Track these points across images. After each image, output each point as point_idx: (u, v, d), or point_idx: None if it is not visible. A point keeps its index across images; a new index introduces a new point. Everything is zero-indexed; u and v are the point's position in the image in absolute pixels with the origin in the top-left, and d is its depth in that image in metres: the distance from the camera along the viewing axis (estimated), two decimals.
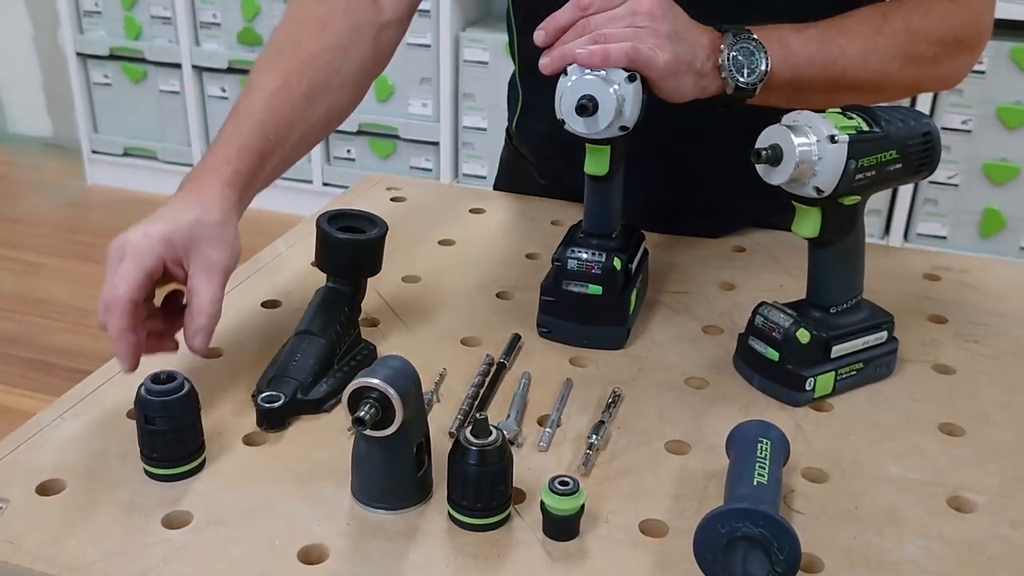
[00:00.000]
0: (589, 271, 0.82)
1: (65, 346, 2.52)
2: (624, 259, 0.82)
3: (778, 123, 0.71)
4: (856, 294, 0.78)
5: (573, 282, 0.82)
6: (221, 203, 0.75)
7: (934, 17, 0.85)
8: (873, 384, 0.80)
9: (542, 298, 0.85)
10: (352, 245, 0.77)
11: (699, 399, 0.78)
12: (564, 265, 0.82)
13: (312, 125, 0.86)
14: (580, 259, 0.82)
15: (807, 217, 0.73)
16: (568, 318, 0.84)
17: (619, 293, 0.82)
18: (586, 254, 0.82)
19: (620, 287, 0.82)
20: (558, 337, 0.84)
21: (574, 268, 0.82)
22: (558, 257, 0.83)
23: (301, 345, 0.76)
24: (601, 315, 0.83)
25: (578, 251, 0.82)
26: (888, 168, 0.72)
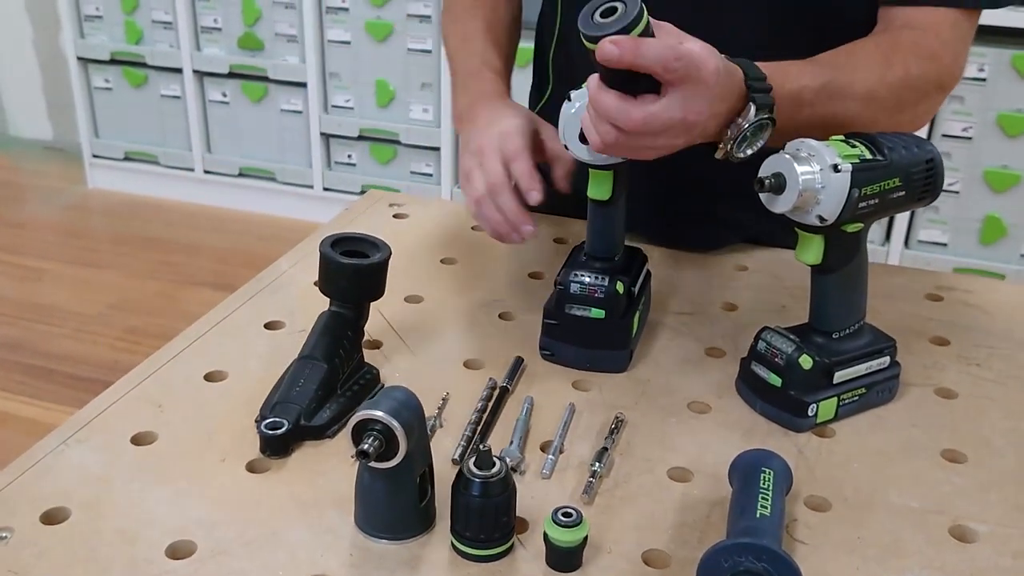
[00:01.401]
0: (592, 295, 0.82)
1: (66, 353, 2.52)
2: (627, 282, 0.82)
3: (781, 151, 0.71)
4: (858, 319, 0.78)
5: (576, 306, 0.83)
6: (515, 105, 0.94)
7: (925, 62, 0.86)
8: (875, 409, 0.80)
9: (545, 321, 0.85)
10: (355, 270, 0.77)
11: (701, 424, 0.78)
12: (567, 288, 0.82)
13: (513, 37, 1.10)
14: (583, 283, 0.82)
15: (810, 244, 0.73)
16: (571, 341, 0.84)
17: (621, 317, 0.83)
18: (589, 277, 0.82)
19: (623, 311, 0.82)
20: (561, 360, 0.85)
21: (577, 292, 0.82)
22: (561, 280, 0.83)
23: (304, 370, 0.76)
24: (604, 338, 0.83)
25: (581, 274, 0.82)
26: (891, 196, 0.72)
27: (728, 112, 0.74)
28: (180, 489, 0.68)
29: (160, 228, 3.21)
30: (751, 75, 0.75)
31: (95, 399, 0.78)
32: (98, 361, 2.49)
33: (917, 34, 0.87)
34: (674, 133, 0.72)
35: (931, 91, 0.87)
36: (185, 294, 2.82)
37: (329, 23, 2.99)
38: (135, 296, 2.80)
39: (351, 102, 3.06)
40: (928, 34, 0.87)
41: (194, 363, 0.83)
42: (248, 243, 3.12)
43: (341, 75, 3.04)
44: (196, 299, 2.79)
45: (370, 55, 2.97)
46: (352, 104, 3.06)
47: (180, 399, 0.78)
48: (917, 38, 0.87)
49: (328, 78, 3.06)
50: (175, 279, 2.90)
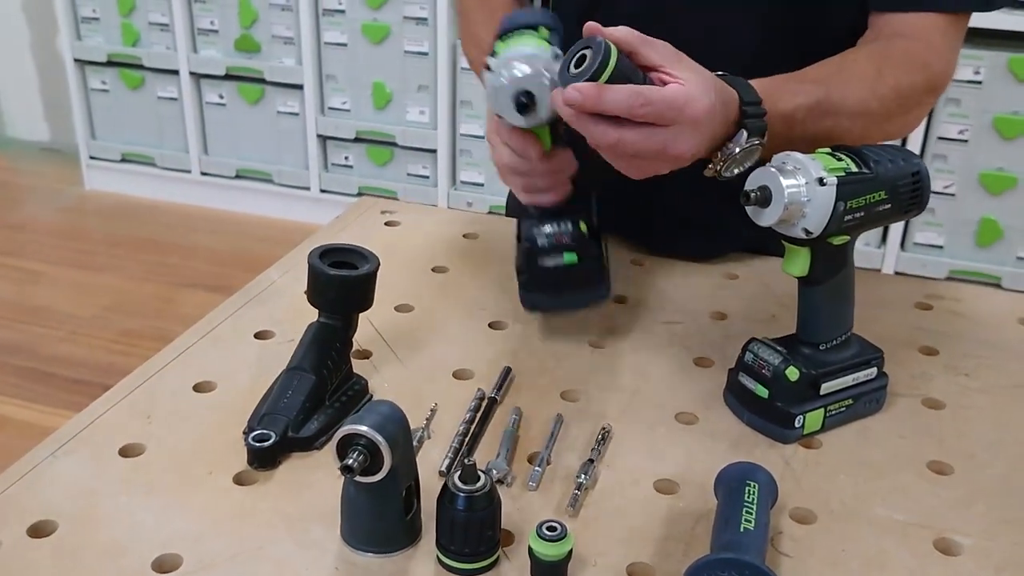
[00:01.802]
0: (560, 242, 0.83)
1: (62, 355, 2.52)
2: (588, 220, 0.84)
3: (767, 164, 0.71)
4: (846, 330, 0.78)
5: (547, 256, 0.83)
6: None
7: (915, 71, 0.86)
8: (863, 420, 0.80)
9: (520, 278, 0.85)
10: (343, 281, 0.78)
11: (689, 435, 0.78)
12: (534, 242, 0.83)
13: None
14: (547, 232, 0.83)
15: (796, 256, 0.74)
16: (550, 291, 0.85)
17: (594, 255, 0.84)
18: (551, 226, 0.83)
19: (592, 248, 0.84)
20: (545, 308, 0.86)
21: (545, 244, 0.83)
22: (525, 236, 0.84)
23: (292, 382, 0.76)
24: (581, 279, 0.85)
25: (542, 225, 0.83)
26: (877, 208, 0.72)
27: (720, 137, 0.75)
28: (167, 502, 0.69)
29: (157, 230, 3.21)
30: (747, 99, 0.76)
31: (84, 410, 0.79)
32: (94, 364, 2.49)
33: (907, 42, 0.87)
34: (655, 161, 0.73)
35: (922, 98, 0.88)
36: (182, 296, 2.82)
37: (326, 25, 2.99)
38: (131, 298, 2.81)
39: (348, 104, 3.06)
40: (918, 41, 0.87)
41: (183, 373, 0.83)
42: (245, 245, 3.12)
43: (338, 77, 3.04)
44: (192, 301, 2.79)
45: (367, 57, 2.97)
46: (349, 106, 3.06)
47: (169, 410, 0.78)
48: (908, 47, 0.87)
49: (325, 80, 3.06)
50: (171, 281, 2.90)
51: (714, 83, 0.73)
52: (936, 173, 2.60)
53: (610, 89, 0.69)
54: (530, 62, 0.75)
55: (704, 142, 0.72)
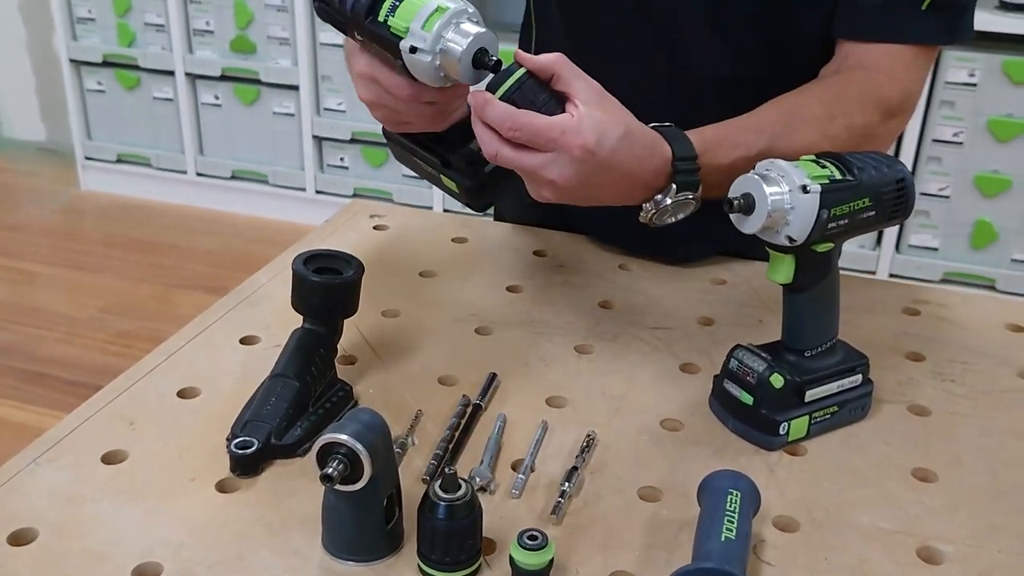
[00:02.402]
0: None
1: (58, 357, 2.52)
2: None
3: (751, 171, 0.71)
4: (831, 337, 0.78)
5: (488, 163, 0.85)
6: None
7: (870, 108, 0.87)
8: (848, 426, 0.80)
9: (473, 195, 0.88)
10: (327, 287, 0.77)
11: (674, 442, 0.78)
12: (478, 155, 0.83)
13: None
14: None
15: (781, 264, 0.73)
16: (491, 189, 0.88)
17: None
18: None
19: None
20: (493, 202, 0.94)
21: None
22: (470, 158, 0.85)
23: (276, 388, 0.76)
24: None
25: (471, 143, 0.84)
26: (861, 216, 0.72)
27: (644, 186, 0.78)
28: (149, 509, 0.68)
29: (152, 231, 3.21)
30: (680, 154, 0.78)
31: (67, 416, 0.78)
32: (90, 365, 2.49)
33: (867, 76, 0.88)
34: (536, 184, 0.76)
35: (878, 131, 0.88)
36: (177, 297, 2.82)
37: (321, 26, 2.98)
38: (127, 299, 2.80)
39: (343, 105, 3.06)
40: (879, 75, 0.88)
41: (168, 379, 0.83)
42: (240, 246, 3.12)
43: (333, 78, 3.03)
44: (188, 302, 2.79)
45: None
46: (344, 107, 3.06)
47: (153, 416, 0.78)
48: (866, 82, 0.88)
49: (320, 81, 3.06)
50: (167, 282, 2.90)
51: (622, 129, 0.75)
52: (931, 175, 2.60)
53: (492, 104, 0.74)
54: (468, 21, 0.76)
55: (593, 178, 0.75)
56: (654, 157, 0.77)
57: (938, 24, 0.87)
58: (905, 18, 0.86)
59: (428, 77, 0.78)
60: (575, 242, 1.10)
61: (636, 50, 0.98)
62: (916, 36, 0.87)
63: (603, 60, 1.01)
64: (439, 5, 0.76)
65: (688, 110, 0.96)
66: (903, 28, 0.87)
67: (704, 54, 0.95)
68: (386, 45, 0.78)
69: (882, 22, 0.87)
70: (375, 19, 0.78)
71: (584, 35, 1.01)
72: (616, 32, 0.98)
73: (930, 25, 0.87)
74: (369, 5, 0.79)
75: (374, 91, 0.83)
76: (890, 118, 0.88)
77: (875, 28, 0.87)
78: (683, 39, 0.95)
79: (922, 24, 0.86)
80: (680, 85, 0.97)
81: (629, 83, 0.96)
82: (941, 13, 0.86)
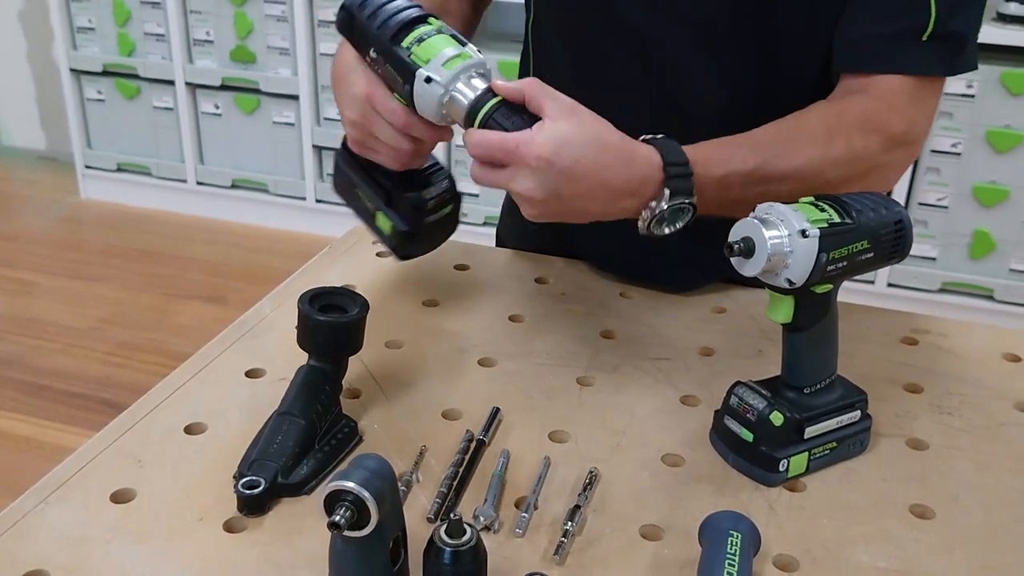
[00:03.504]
0: (443, 200, 0.92)
1: (58, 368, 2.52)
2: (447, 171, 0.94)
3: (751, 215, 0.72)
4: (830, 374, 0.79)
5: (432, 215, 0.92)
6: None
7: (871, 134, 0.87)
8: (847, 461, 0.81)
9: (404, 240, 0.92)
10: (333, 327, 0.78)
11: (675, 478, 0.79)
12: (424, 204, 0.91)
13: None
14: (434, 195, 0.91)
15: (780, 304, 0.74)
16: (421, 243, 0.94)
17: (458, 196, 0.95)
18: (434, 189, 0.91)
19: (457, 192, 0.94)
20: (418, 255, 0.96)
21: (432, 206, 0.91)
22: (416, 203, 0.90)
23: (282, 427, 0.77)
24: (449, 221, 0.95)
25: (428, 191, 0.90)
26: (860, 258, 0.73)
27: (630, 195, 0.80)
28: (157, 550, 0.69)
29: (152, 240, 3.22)
30: (669, 159, 0.80)
31: (74, 453, 0.79)
32: (91, 377, 2.50)
33: (867, 102, 0.88)
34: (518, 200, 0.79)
35: (880, 161, 0.88)
36: (177, 307, 2.83)
37: (321, 36, 3.00)
38: (127, 310, 2.81)
39: None
40: (879, 102, 0.88)
41: (174, 415, 0.84)
42: (240, 255, 3.13)
43: None
44: (188, 312, 2.80)
45: None
46: None
47: (160, 453, 0.79)
48: (866, 107, 0.88)
49: (320, 90, 3.07)
50: (167, 292, 2.91)
51: (588, 137, 0.77)
52: (929, 186, 2.61)
53: (468, 134, 0.78)
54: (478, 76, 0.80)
55: (565, 188, 0.77)
56: (637, 165, 0.79)
57: (939, 56, 0.87)
58: (905, 50, 0.87)
59: (430, 110, 0.81)
60: (576, 269, 1.11)
61: (631, 78, 0.99)
62: (916, 68, 0.88)
63: (600, 86, 1.02)
64: (463, 52, 0.80)
65: (682, 137, 0.97)
66: (903, 59, 0.87)
67: (698, 84, 0.96)
68: (402, 69, 0.81)
69: (882, 54, 0.87)
70: (399, 44, 0.81)
71: (581, 63, 1.02)
72: (611, 60, 0.99)
73: (931, 57, 0.87)
74: (397, 30, 0.81)
75: (364, 111, 0.85)
76: (893, 147, 0.88)
77: (875, 60, 0.88)
78: (677, 69, 0.96)
79: (922, 56, 0.87)
80: (674, 113, 0.98)
81: (623, 109, 0.97)
82: (942, 44, 0.87)
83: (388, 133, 0.84)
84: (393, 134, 0.84)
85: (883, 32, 0.87)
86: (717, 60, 0.95)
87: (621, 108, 0.99)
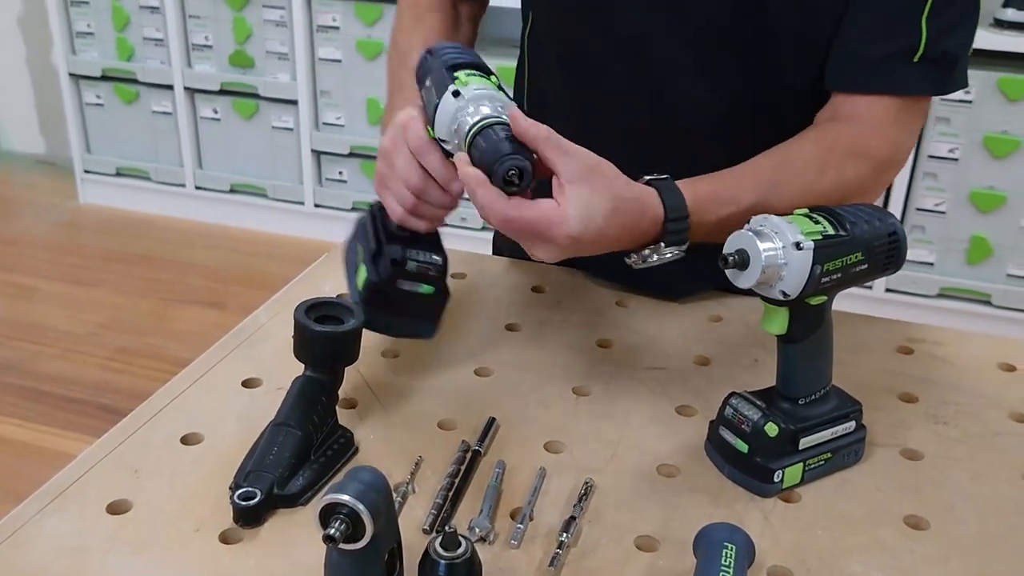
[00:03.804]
0: (426, 273, 0.86)
1: (57, 373, 2.53)
2: (446, 257, 0.87)
3: (745, 227, 0.72)
4: (824, 385, 0.79)
5: (408, 282, 0.86)
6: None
7: (861, 162, 0.88)
8: (842, 471, 0.81)
9: (364, 293, 0.86)
10: (329, 337, 0.79)
11: (670, 489, 0.79)
12: (404, 265, 0.85)
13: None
14: (419, 261, 0.85)
15: (775, 316, 0.75)
16: (391, 312, 0.87)
17: (445, 293, 0.88)
18: (423, 254, 0.86)
19: (445, 286, 0.88)
20: (377, 329, 0.88)
21: (413, 269, 0.85)
22: (397, 257, 0.85)
23: (278, 438, 0.77)
24: (423, 311, 0.88)
25: (414, 252, 0.85)
26: (854, 269, 0.73)
27: (631, 242, 0.80)
28: (154, 560, 0.69)
29: (151, 244, 3.22)
30: (671, 215, 0.80)
31: (71, 463, 0.79)
32: (90, 382, 2.50)
33: (856, 129, 0.89)
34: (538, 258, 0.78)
35: (868, 186, 0.90)
36: (176, 312, 2.83)
37: (320, 41, 3.00)
38: (126, 315, 2.81)
39: (342, 119, 3.07)
40: (866, 126, 0.89)
41: (172, 424, 0.84)
42: (239, 260, 3.13)
43: (332, 93, 3.05)
44: (187, 317, 2.80)
45: (361, 73, 2.98)
46: (343, 121, 3.07)
47: (157, 464, 0.79)
48: (856, 134, 0.89)
49: (319, 95, 3.07)
50: (166, 297, 2.91)
51: (609, 205, 0.76)
52: (927, 191, 2.61)
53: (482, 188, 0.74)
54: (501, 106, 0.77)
55: (572, 253, 0.77)
56: (643, 219, 0.79)
57: (930, 77, 0.88)
58: (896, 71, 0.87)
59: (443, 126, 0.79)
60: (572, 277, 1.11)
61: (627, 83, 0.99)
62: (906, 88, 0.88)
63: (595, 92, 1.02)
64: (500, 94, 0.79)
65: (680, 151, 0.97)
66: (894, 80, 0.88)
67: (696, 89, 0.96)
68: (440, 86, 0.80)
69: (872, 75, 0.88)
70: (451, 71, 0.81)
71: (576, 68, 1.03)
72: (607, 65, 1.00)
73: (921, 78, 0.88)
74: (456, 64, 0.81)
75: (394, 135, 0.84)
76: (881, 172, 0.90)
77: (865, 80, 0.89)
78: (675, 73, 0.96)
79: (912, 77, 0.88)
80: (670, 117, 0.98)
81: (620, 123, 0.97)
82: (933, 66, 0.87)
83: (403, 159, 0.82)
84: (408, 160, 0.82)
85: (875, 53, 0.88)
86: (715, 65, 0.95)
87: (620, 109, 0.99)
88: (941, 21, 0.86)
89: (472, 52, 0.84)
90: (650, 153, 1.02)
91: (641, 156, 0.96)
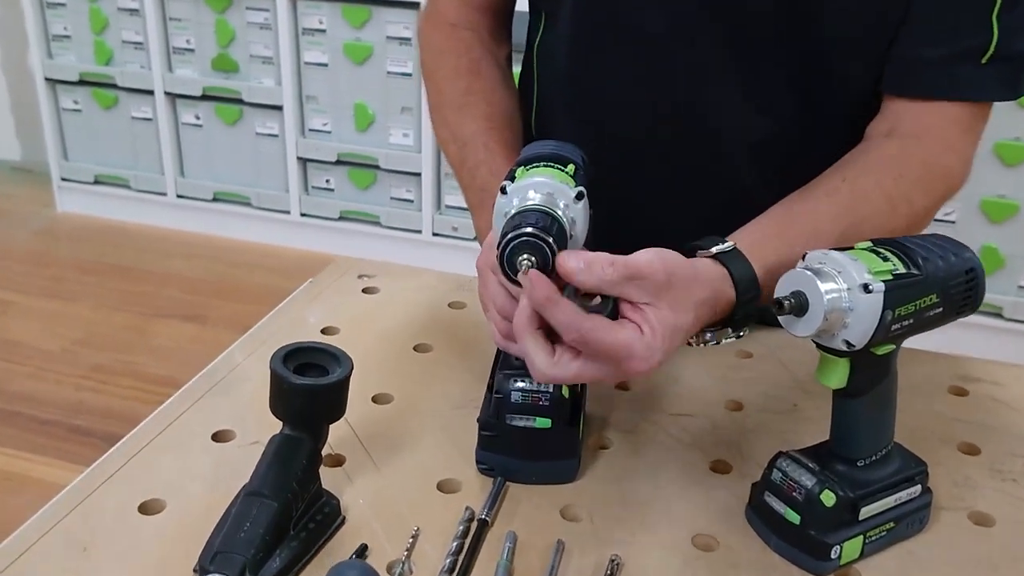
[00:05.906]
0: (536, 403, 0.72)
1: (28, 393, 2.40)
2: (572, 386, 0.73)
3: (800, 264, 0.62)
4: (887, 443, 0.69)
5: (518, 416, 0.73)
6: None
7: (937, 187, 0.79)
8: (904, 542, 0.70)
9: (481, 433, 0.75)
10: (311, 391, 0.67)
11: (709, 566, 0.68)
12: (507, 397, 0.73)
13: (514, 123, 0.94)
14: (524, 389, 0.72)
15: (834, 368, 0.64)
16: (512, 454, 0.74)
17: (569, 423, 0.73)
18: (530, 384, 0.72)
19: (569, 417, 0.73)
20: (501, 474, 0.75)
21: (518, 400, 0.73)
22: (498, 388, 0.73)
23: (251, 510, 0.65)
24: (550, 449, 0.74)
25: (520, 380, 0.73)
26: (927, 314, 0.63)
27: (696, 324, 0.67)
28: None
29: (130, 255, 3.10)
30: (742, 295, 0.68)
31: (10, 538, 0.68)
32: (63, 402, 2.37)
33: (925, 149, 0.79)
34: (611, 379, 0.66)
35: (935, 209, 0.81)
36: (154, 327, 2.71)
37: (306, 45, 2.88)
38: (102, 330, 2.69)
39: (329, 126, 2.96)
40: (936, 144, 0.79)
41: (128, 489, 0.73)
42: (221, 270, 3.01)
43: (318, 98, 2.93)
44: (166, 333, 2.68)
45: (348, 78, 2.87)
46: (330, 128, 2.96)
47: (110, 538, 0.68)
48: (925, 155, 0.79)
49: (305, 101, 2.96)
50: (144, 311, 2.79)
51: (690, 318, 0.65)
52: None
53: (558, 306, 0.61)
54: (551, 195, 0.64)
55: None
56: (717, 309, 0.68)
57: (1000, 79, 0.78)
58: (964, 74, 0.77)
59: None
60: None
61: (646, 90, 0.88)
62: (976, 93, 0.78)
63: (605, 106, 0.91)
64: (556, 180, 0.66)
65: (718, 177, 0.87)
66: (962, 85, 0.77)
67: (736, 121, 0.86)
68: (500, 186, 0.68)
69: (938, 79, 0.78)
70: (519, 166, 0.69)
71: (587, 81, 0.92)
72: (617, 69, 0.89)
73: (992, 81, 0.77)
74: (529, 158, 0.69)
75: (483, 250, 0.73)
76: (951, 193, 0.79)
77: (930, 85, 0.78)
78: (706, 97, 0.86)
79: (982, 80, 0.77)
80: (704, 150, 0.88)
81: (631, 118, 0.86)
82: (1003, 66, 0.77)
83: (491, 279, 0.71)
84: (494, 280, 0.70)
85: (939, 54, 0.77)
86: (759, 97, 0.84)
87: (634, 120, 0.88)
88: (1013, 18, 0.75)
89: (549, 142, 0.71)
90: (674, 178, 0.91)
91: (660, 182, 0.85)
